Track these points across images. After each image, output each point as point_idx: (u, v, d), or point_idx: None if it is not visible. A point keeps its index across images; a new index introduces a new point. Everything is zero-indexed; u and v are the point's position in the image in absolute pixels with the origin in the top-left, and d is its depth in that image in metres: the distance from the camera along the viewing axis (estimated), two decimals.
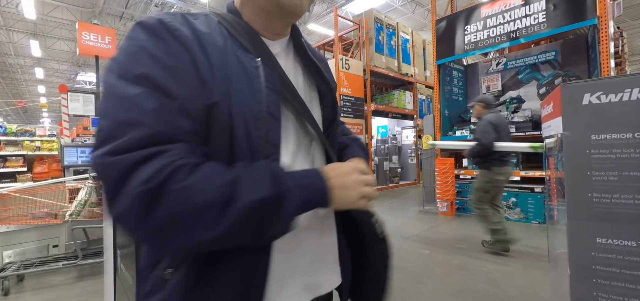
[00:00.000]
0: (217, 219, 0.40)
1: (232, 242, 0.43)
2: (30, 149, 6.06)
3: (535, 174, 4.45)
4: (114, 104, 0.43)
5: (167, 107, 0.43)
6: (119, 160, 0.39)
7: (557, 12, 4.22)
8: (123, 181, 0.39)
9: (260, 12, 0.56)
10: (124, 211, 0.39)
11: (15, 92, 19.97)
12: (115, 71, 0.45)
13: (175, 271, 0.48)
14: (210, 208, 0.40)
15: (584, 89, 0.70)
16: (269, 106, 0.51)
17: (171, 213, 0.39)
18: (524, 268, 2.84)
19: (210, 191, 0.41)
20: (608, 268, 0.66)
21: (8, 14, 10.54)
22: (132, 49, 0.46)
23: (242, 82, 0.50)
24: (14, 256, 2.89)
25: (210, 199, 0.41)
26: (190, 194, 0.40)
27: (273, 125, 0.51)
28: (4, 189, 2.90)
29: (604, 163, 0.66)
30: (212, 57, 0.48)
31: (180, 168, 0.40)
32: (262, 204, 0.42)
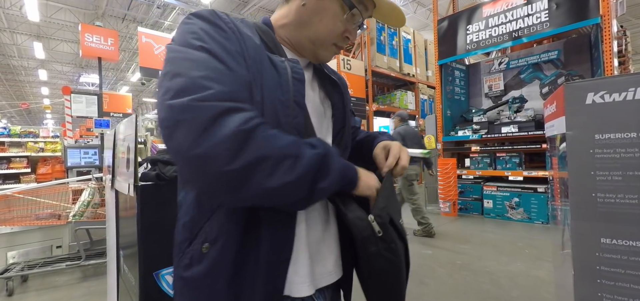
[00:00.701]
0: (292, 167, 0.48)
1: (295, 192, 0.49)
2: (34, 150, 6.10)
3: (539, 174, 4.42)
4: (185, 64, 0.48)
5: (232, 75, 0.50)
6: (211, 106, 0.45)
7: (560, 11, 4.20)
8: (215, 123, 0.44)
9: (295, 41, 0.66)
10: (216, 147, 0.44)
11: (19, 94, 20.12)
12: (178, 42, 0.52)
13: (211, 246, 0.54)
14: (287, 157, 0.48)
15: (588, 88, 0.69)
16: (295, 95, 0.58)
17: (259, 155, 0.46)
18: (527, 268, 2.83)
19: (287, 144, 0.49)
20: (612, 269, 0.66)
21: (12, 17, 10.63)
22: (190, 29, 0.53)
23: (272, 75, 0.56)
24: (18, 257, 2.91)
25: (287, 150, 0.48)
26: (274, 143, 0.48)
27: (298, 113, 0.58)
28: (8, 191, 2.93)
29: (608, 163, 0.66)
30: (250, 49, 0.55)
31: (263, 124, 0.48)
32: (320, 159, 0.51)
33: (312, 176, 0.50)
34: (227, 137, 0.44)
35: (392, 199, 0.63)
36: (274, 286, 0.55)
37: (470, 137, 5.08)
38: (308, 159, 0.49)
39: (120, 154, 1.51)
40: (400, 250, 0.62)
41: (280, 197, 0.49)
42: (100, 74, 6.97)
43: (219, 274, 0.54)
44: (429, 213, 5.20)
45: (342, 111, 0.72)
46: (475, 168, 5.07)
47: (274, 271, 0.55)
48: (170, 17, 11.06)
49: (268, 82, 0.55)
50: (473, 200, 5.03)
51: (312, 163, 0.50)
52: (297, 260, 0.59)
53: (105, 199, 2.57)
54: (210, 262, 0.54)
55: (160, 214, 1.31)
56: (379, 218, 0.59)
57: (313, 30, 0.64)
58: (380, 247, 0.59)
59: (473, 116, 5.37)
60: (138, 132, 1.28)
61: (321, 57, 0.67)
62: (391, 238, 0.60)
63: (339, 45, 0.66)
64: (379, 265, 0.60)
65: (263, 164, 0.46)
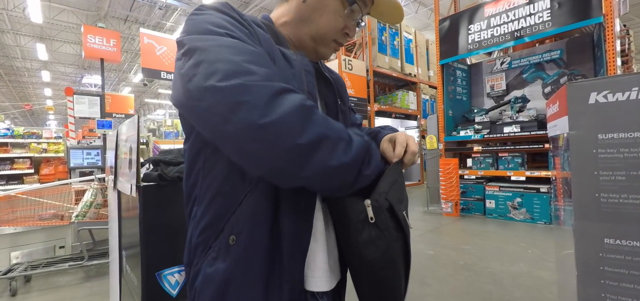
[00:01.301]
0: (348, 148, 0.50)
1: (347, 174, 0.51)
2: (37, 151, 6.13)
3: (541, 174, 4.40)
4: (221, 50, 0.47)
5: (267, 59, 0.50)
6: (267, 85, 0.45)
7: (562, 10, 4.18)
8: (277, 100, 0.45)
9: (296, 38, 0.67)
10: (284, 120, 0.44)
11: (22, 95, 20.23)
12: (199, 30, 0.50)
13: (238, 238, 0.54)
14: (342, 139, 0.50)
15: (591, 87, 0.69)
16: (308, 86, 0.60)
17: (322, 132, 0.47)
18: (530, 269, 2.81)
19: (340, 127, 0.51)
20: (616, 269, 0.65)
21: (15, 18, 10.69)
22: (208, 20, 0.52)
23: (285, 67, 0.57)
24: (21, 257, 2.93)
25: (342, 133, 0.50)
26: (331, 124, 0.49)
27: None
28: (12, 191, 2.94)
29: (611, 163, 0.65)
30: (263, 42, 0.56)
31: (312, 106, 0.48)
32: (367, 146, 0.54)
33: (361, 161, 0.52)
34: (293, 111, 0.44)
35: (395, 187, 0.60)
36: (295, 278, 0.56)
37: (472, 137, 5.06)
38: (358, 144, 0.51)
39: (123, 154, 1.52)
40: (396, 241, 0.58)
41: (335, 178, 0.50)
42: (103, 75, 6.99)
43: (248, 265, 0.54)
44: (430, 213, 5.20)
45: (335, 113, 0.71)
46: (477, 168, 5.06)
47: (293, 263, 0.55)
48: (172, 18, 11.10)
49: (282, 73, 0.56)
50: (475, 200, 5.02)
51: (361, 148, 0.52)
52: (315, 253, 0.60)
53: (107, 200, 2.58)
54: (238, 253, 0.54)
55: (162, 215, 1.32)
56: (375, 202, 0.55)
57: (314, 26, 0.64)
58: (372, 234, 0.55)
59: (475, 116, 5.35)
60: (140, 133, 1.29)
61: (321, 54, 0.68)
62: (385, 226, 0.56)
63: (338, 41, 0.67)
64: (370, 255, 0.55)
65: (326, 141, 0.47)
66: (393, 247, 0.57)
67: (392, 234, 0.57)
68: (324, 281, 0.61)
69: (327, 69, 0.79)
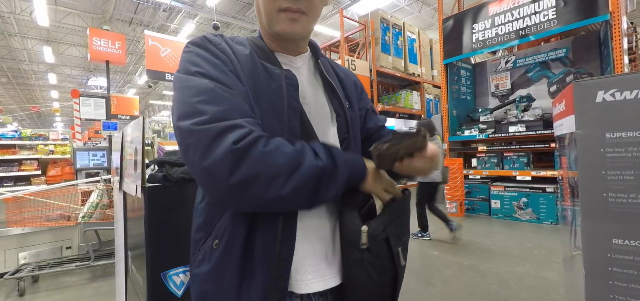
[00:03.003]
0: (287, 180, 0.50)
1: (294, 202, 0.53)
2: (44, 153, 6.20)
3: (547, 174, 4.36)
4: (185, 91, 0.54)
5: (228, 92, 0.54)
6: (209, 127, 0.50)
7: (568, 8, 4.14)
8: (215, 143, 0.49)
9: (272, 37, 0.66)
10: (216, 164, 0.49)
11: (29, 97, 20.50)
12: (181, 70, 0.58)
13: (220, 242, 0.58)
14: (282, 171, 0.50)
15: (598, 86, 0.68)
16: (289, 100, 0.60)
17: (253, 171, 0.49)
18: (536, 269, 2.79)
19: (283, 157, 0.51)
20: (625, 270, 0.64)
21: (22, 22, 10.84)
22: (187, 58, 0.58)
23: (266, 82, 0.60)
24: (29, 258, 2.97)
25: (283, 163, 0.50)
26: (269, 158, 0.50)
27: (293, 117, 0.60)
28: (19, 192, 2.98)
29: (619, 162, 0.65)
30: (242, 63, 0.60)
31: (260, 138, 0.51)
32: (322, 171, 0.52)
33: (312, 188, 0.52)
34: (225, 155, 0.49)
35: (397, 223, 0.62)
36: (276, 282, 0.56)
37: (476, 136, 5.03)
38: (304, 174, 0.51)
39: (128, 156, 1.53)
40: (385, 273, 0.59)
41: (278, 206, 0.53)
42: (108, 77, 7.06)
43: (226, 267, 0.57)
44: None
45: (343, 119, 0.69)
46: (482, 168, 5.02)
47: (276, 268, 0.56)
48: (175, 20, 11.18)
49: (262, 89, 0.59)
50: (480, 200, 4.98)
51: (309, 177, 0.51)
52: (301, 258, 0.59)
53: (113, 201, 2.61)
54: (218, 256, 0.58)
55: (167, 216, 1.32)
56: (372, 231, 0.58)
57: (262, 14, 0.63)
58: (364, 257, 0.58)
59: (479, 115, 5.31)
60: (145, 135, 1.30)
61: (281, 32, 0.62)
62: (378, 254, 0.58)
63: (283, 7, 0.60)
64: (359, 276, 0.58)
65: (258, 179, 0.49)
66: (381, 277, 0.59)
67: (383, 265, 0.59)
68: (316, 283, 0.60)
69: (333, 70, 0.76)
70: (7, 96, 19.64)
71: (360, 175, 0.59)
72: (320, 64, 0.72)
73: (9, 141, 5.98)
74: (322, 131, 0.67)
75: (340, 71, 0.79)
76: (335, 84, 0.71)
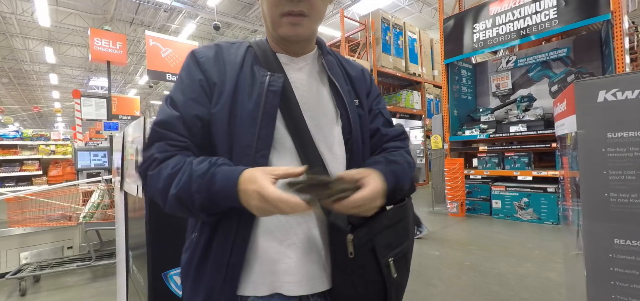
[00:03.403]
0: (165, 199, 0.57)
1: (183, 215, 0.59)
2: (46, 153, 6.21)
3: (548, 174, 4.35)
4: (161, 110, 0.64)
5: (170, 116, 0.61)
6: (142, 156, 0.62)
7: (569, 8, 4.13)
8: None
9: (276, 40, 0.69)
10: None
11: (31, 97, 20.54)
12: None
13: (198, 236, 0.63)
14: (161, 193, 0.57)
15: (599, 86, 0.68)
16: (265, 106, 0.60)
17: (149, 189, 0.60)
18: (537, 269, 2.78)
19: (161, 181, 0.57)
20: (627, 270, 0.64)
21: (24, 22, 10.87)
22: (180, 72, 0.66)
23: (250, 88, 0.62)
24: (30, 258, 2.97)
25: (159, 187, 0.57)
26: (153, 182, 0.58)
27: (267, 123, 0.60)
28: (21, 193, 2.99)
29: (621, 162, 0.64)
30: (227, 71, 0.63)
31: (154, 161, 0.58)
32: (180, 197, 0.55)
33: (183, 207, 0.57)
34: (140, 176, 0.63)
35: (388, 232, 0.60)
36: (223, 286, 0.58)
37: (477, 136, 5.02)
38: (170, 198, 0.56)
39: (129, 156, 1.53)
40: (372, 284, 0.58)
41: (182, 214, 0.59)
42: (109, 77, 7.07)
43: (192, 261, 0.62)
44: (436, 213, 5.16)
45: (347, 118, 0.68)
46: (483, 168, 5.01)
47: (225, 271, 0.58)
48: (176, 20, 11.19)
49: (242, 95, 0.62)
50: (481, 200, 4.97)
51: (174, 201, 0.56)
52: (251, 264, 0.60)
53: (114, 201, 2.61)
54: (190, 250, 0.64)
55: (168, 216, 1.32)
56: (358, 240, 0.56)
57: (266, 18, 0.65)
58: (348, 266, 0.56)
59: (480, 115, 5.30)
60: (146, 135, 1.30)
61: (284, 35, 0.64)
62: (362, 265, 0.56)
63: (286, 12, 0.61)
64: (343, 285, 0.57)
65: (153, 195, 0.60)
66: (367, 289, 0.58)
67: (368, 276, 0.57)
68: (304, 285, 0.59)
69: (343, 67, 0.74)
70: (8, 96, 19.68)
71: (226, 195, 0.53)
72: (325, 63, 0.70)
73: (10, 141, 5.99)
74: (326, 132, 0.66)
75: (352, 68, 0.76)
76: (338, 83, 0.69)
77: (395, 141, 0.75)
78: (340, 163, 0.66)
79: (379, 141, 0.74)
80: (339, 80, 0.70)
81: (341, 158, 0.67)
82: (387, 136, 0.74)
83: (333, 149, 0.66)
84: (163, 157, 0.58)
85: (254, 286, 0.59)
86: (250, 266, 0.60)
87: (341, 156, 0.67)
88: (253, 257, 0.60)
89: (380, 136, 0.74)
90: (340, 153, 0.67)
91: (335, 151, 0.67)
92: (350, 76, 0.74)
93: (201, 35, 12.46)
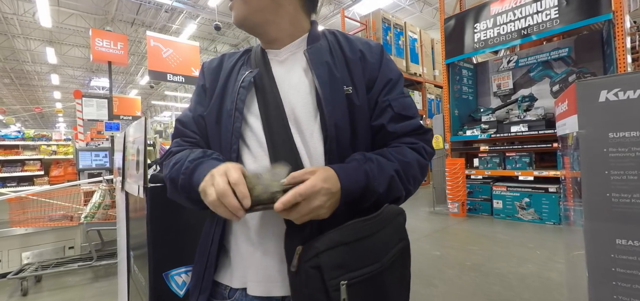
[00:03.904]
0: (172, 187, 0.64)
1: (185, 204, 0.64)
2: (47, 153, 6.23)
3: (550, 174, 4.34)
4: None
5: (186, 116, 0.73)
6: (173, 149, 0.71)
7: (570, 7, 4.12)
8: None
9: None
10: None
11: (32, 98, 20.61)
12: None
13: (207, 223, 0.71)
14: (166, 180, 0.66)
15: (601, 85, 0.68)
16: (237, 103, 0.63)
17: (163, 176, 0.68)
18: (538, 270, 2.77)
19: (167, 169, 0.66)
20: (629, 271, 0.64)
21: (25, 23, 10.90)
22: None
23: (230, 89, 0.67)
24: (32, 257, 2.98)
25: (166, 173, 0.66)
26: (164, 170, 0.67)
27: (238, 118, 0.63)
28: (22, 193, 3.00)
29: (623, 162, 0.64)
30: (221, 77, 0.70)
31: (169, 154, 0.69)
32: (173, 182, 0.63)
33: (178, 195, 0.64)
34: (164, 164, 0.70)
35: (343, 250, 0.50)
36: (204, 272, 0.65)
37: (478, 136, 5.01)
38: (169, 184, 0.65)
39: (130, 156, 1.54)
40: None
41: (185, 202, 0.64)
42: (110, 77, 7.09)
43: (199, 246, 0.70)
44: (437, 213, 5.16)
45: (321, 114, 0.60)
46: (484, 168, 5.01)
47: (208, 259, 0.65)
48: (177, 20, 11.21)
49: (227, 96, 0.67)
50: (482, 201, 4.97)
51: (170, 187, 0.65)
52: (229, 255, 0.66)
53: (115, 201, 2.61)
54: (203, 235, 0.71)
55: (169, 216, 1.33)
56: (303, 254, 0.50)
57: None
58: (294, 280, 0.51)
59: (481, 115, 5.30)
60: (147, 135, 1.30)
61: (235, 21, 0.69)
62: (306, 284, 0.48)
63: None
64: (293, 297, 0.52)
65: (166, 184, 0.67)
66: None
67: (312, 295, 0.48)
68: (260, 287, 0.60)
69: (339, 48, 0.66)
70: (10, 97, 19.75)
71: (189, 186, 0.59)
72: (306, 54, 0.63)
73: (12, 142, 6.01)
74: (304, 126, 0.62)
75: (351, 49, 0.66)
76: (317, 74, 0.61)
77: (408, 137, 0.64)
78: (318, 160, 0.60)
79: (385, 140, 0.64)
80: (319, 70, 0.62)
81: (319, 154, 0.60)
82: (396, 133, 0.63)
83: (309, 145, 0.61)
84: (176, 150, 0.68)
85: (230, 277, 0.64)
86: (227, 258, 0.66)
87: (319, 152, 0.60)
88: (232, 250, 0.65)
89: (385, 134, 0.64)
90: (319, 149, 0.61)
91: (313, 147, 0.61)
92: (347, 59, 0.65)
93: (202, 35, 12.48)
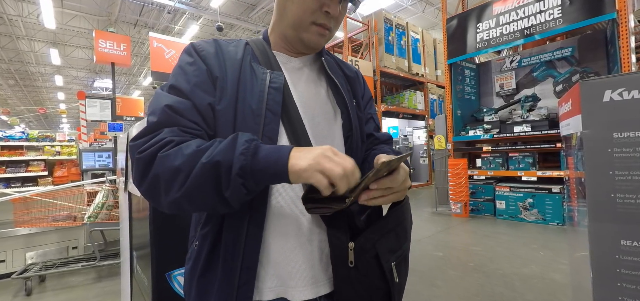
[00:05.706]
0: (184, 181, 0.49)
1: (197, 204, 0.52)
2: (51, 154, 6.28)
3: (553, 174, 4.32)
4: (155, 99, 0.59)
5: (179, 102, 0.56)
6: (140, 141, 0.54)
7: (574, 6, 4.10)
8: (139, 156, 0.53)
9: (284, 38, 0.68)
10: (134, 171, 0.54)
11: (36, 99, 20.75)
12: (173, 69, 0.63)
13: (199, 244, 0.60)
14: (179, 172, 0.49)
15: (605, 85, 0.67)
16: (269, 103, 0.59)
17: (155, 174, 0.51)
18: (542, 271, 2.76)
19: (180, 158, 0.50)
20: (633, 272, 0.63)
21: (29, 25, 10.98)
22: (175, 67, 0.63)
23: (251, 85, 0.61)
24: (36, 257, 3.00)
25: (177, 165, 0.49)
26: (166, 162, 0.50)
27: (272, 120, 0.59)
28: (27, 193, 3.02)
29: (627, 162, 0.64)
30: (228, 67, 0.62)
31: (168, 143, 0.52)
32: (209, 170, 0.49)
33: (210, 185, 0.49)
34: (136, 166, 0.53)
35: (390, 237, 0.58)
36: (238, 292, 0.55)
37: (481, 137, 4.99)
38: (196, 173, 0.49)
39: None
40: (376, 290, 0.57)
41: (189, 207, 0.52)
42: (114, 78, 7.13)
43: (195, 270, 0.60)
44: (439, 214, 5.14)
45: (347, 116, 0.69)
46: (487, 168, 4.98)
47: (239, 277, 0.56)
48: (180, 21, 11.25)
49: (243, 93, 0.60)
50: (485, 201, 4.94)
51: (200, 175, 0.49)
52: (263, 267, 0.58)
53: (118, 202, 2.63)
54: (192, 260, 0.61)
55: (172, 216, 1.33)
56: (359, 248, 0.55)
57: (290, 16, 0.64)
58: (352, 274, 0.55)
59: (484, 115, 5.28)
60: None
61: (307, 41, 0.65)
62: (365, 271, 0.55)
63: (319, 22, 0.63)
64: (346, 292, 0.56)
65: (157, 183, 0.51)
66: (371, 295, 0.56)
67: (372, 283, 0.56)
68: (307, 291, 0.59)
69: (340, 68, 0.76)
70: (14, 98, 19.90)
71: (276, 168, 0.49)
72: (325, 63, 0.70)
73: (16, 142, 6.06)
74: (324, 130, 0.66)
75: (349, 70, 0.78)
76: (338, 82, 0.70)
77: (385, 145, 0.78)
78: None
79: (371, 145, 0.77)
80: (339, 79, 0.71)
81: None
82: (379, 140, 0.78)
83: (337, 146, 0.67)
84: (181, 139, 0.53)
85: (259, 291, 0.58)
86: (257, 271, 0.58)
87: None
88: (263, 260, 0.59)
89: (373, 139, 0.77)
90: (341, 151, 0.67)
91: None
92: (348, 77, 0.76)
93: (204, 36, 12.51)
